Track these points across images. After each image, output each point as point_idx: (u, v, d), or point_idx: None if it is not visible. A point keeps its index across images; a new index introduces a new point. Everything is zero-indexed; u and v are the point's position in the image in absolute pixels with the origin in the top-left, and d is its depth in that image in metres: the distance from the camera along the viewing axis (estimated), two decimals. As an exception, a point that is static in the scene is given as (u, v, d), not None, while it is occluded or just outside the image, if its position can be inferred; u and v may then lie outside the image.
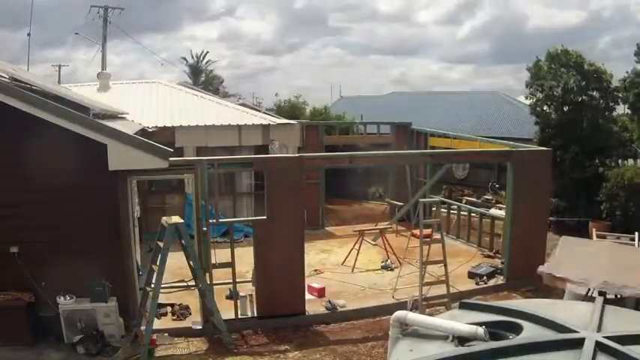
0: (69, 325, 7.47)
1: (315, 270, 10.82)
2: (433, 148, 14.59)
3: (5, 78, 7.57)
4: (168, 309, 8.64)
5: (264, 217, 8.49)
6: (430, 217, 10.79)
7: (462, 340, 3.29)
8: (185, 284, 9.21)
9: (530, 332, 3.16)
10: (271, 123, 14.52)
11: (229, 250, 8.34)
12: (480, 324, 3.31)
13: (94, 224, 7.56)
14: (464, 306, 3.85)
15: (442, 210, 9.74)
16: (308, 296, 9.07)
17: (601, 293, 4.06)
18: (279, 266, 8.41)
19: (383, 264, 11.22)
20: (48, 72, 32.40)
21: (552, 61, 14.95)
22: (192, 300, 8.71)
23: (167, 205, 13.63)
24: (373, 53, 76.43)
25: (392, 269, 10.87)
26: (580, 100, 14.61)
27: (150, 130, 12.58)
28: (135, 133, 8.66)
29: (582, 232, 12.61)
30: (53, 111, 7.15)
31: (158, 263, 7.48)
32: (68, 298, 7.53)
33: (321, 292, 9.43)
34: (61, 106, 7.44)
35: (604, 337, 2.88)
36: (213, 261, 8.29)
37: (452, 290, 9.04)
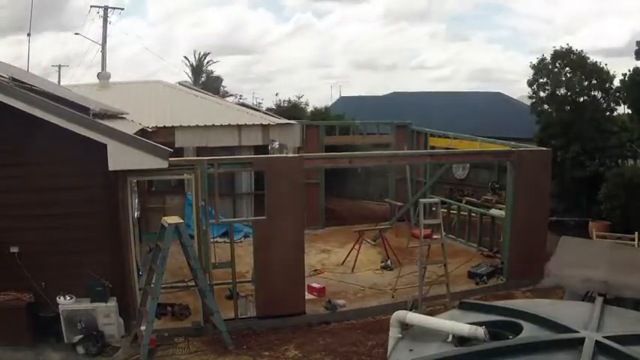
0: (69, 325, 7.47)
1: (315, 270, 10.81)
2: (433, 148, 14.57)
3: (5, 78, 7.57)
4: (169, 309, 8.64)
5: (264, 217, 8.49)
6: (430, 217, 10.78)
7: (462, 340, 3.29)
8: (185, 284, 9.21)
9: (530, 332, 3.16)
10: (271, 123, 14.52)
11: (229, 250, 8.34)
12: (479, 324, 3.31)
13: (93, 224, 7.58)
14: (464, 306, 3.86)
15: (442, 210, 9.72)
16: (308, 296, 9.06)
17: (601, 293, 4.06)
18: (279, 266, 8.41)
19: (383, 264, 11.21)
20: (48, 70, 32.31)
21: (557, 59, 14.91)
22: (192, 300, 8.71)
23: (167, 205, 13.63)
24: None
25: (392, 269, 10.86)
26: (582, 100, 14.60)
27: (150, 130, 12.58)
28: (135, 133, 8.67)
29: (582, 232, 12.61)
30: (53, 111, 7.15)
31: (158, 263, 7.48)
32: (68, 298, 7.52)
33: (321, 292, 9.42)
34: (61, 106, 7.45)
35: (604, 337, 2.88)
36: (213, 261, 8.29)
37: (452, 290, 9.04)
